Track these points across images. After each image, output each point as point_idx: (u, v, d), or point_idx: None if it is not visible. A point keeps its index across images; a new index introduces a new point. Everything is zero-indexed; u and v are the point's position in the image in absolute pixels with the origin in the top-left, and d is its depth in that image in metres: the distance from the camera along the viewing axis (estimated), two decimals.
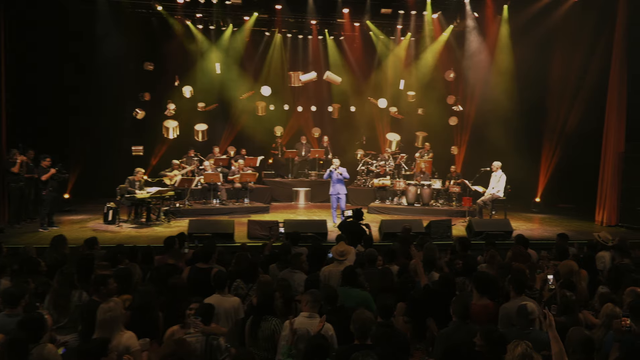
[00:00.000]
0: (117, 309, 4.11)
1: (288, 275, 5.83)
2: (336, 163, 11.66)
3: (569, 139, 13.85)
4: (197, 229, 9.34)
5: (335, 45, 17.08)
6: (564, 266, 5.98)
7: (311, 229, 9.58)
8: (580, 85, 13.33)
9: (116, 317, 4.08)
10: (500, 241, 9.84)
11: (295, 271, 5.87)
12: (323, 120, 17.61)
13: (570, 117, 13.73)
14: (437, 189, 14.21)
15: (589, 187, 13.13)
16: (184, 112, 15.74)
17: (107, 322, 4.03)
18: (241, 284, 5.61)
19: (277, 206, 14.81)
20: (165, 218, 11.85)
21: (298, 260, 5.91)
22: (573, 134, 13.71)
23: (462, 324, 4.39)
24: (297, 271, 5.87)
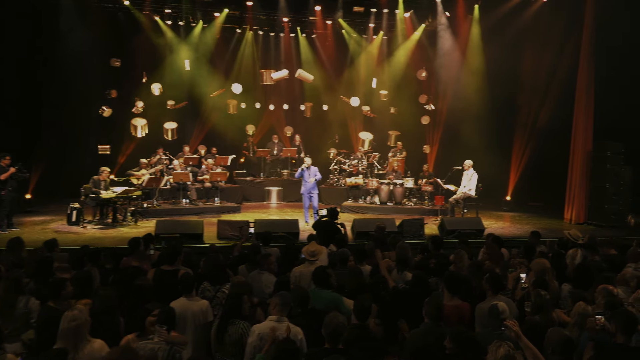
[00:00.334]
0: (82, 317, 3.83)
1: (256, 277, 5.66)
2: (307, 162, 11.51)
3: (539, 137, 14.02)
4: (165, 230, 9.05)
5: (308, 43, 16.93)
6: (537, 264, 5.94)
7: (283, 229, 9.40)
8: (550, 84, 13.48)
9: (82, 325, 3.81)
10: (472, 240, 9.83)
11: (264, 272, 5.70)
12: (295, 119, 17.43)
13: (540, 116, 13.89)
14: (409, 188, 14.20)
15: (559, 185, 13.28)
16: (152, 109, 15.32)
17: (72, 332, 3.77)
18: (208, 286, 5.41)
19: (249, 206, 14.58)
20: (132, 219, 11.49)
21: (266, 261, 5.74)
22: (543, 132, 13.87)
23: (433, 326, 4.28)
24: (265, 272, 5.70)
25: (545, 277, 5.65)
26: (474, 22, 15.01)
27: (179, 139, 15.47)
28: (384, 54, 17.01)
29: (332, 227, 8.12)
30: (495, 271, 5.74)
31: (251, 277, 5.74)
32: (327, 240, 7.52)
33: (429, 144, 16.43)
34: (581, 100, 12.51)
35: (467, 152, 13.16)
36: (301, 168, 11.44)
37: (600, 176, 12.25)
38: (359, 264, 6.36)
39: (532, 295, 5.10)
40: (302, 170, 11.39)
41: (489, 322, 4.39)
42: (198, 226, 9.24)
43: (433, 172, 14.63)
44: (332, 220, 8.27)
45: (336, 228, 8.10)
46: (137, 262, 5.87)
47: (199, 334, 4.73)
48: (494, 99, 14.34)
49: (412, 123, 16.38)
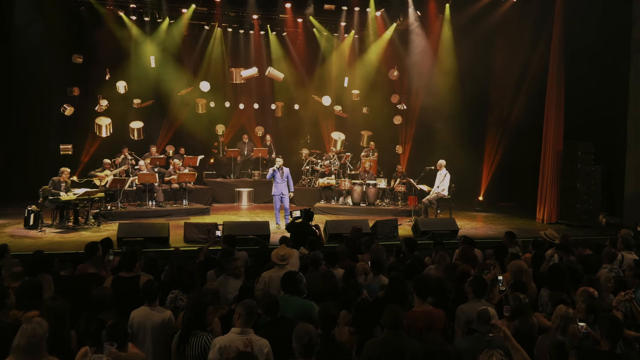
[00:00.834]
0: (40, 332, 3.45)
1: (222, 283, 5.33)
2: (279, 162, 11.18)
3: (510, 136, 14.05)
4: (128, 233, 8.60)
5: (278, 41, 16.59)
6: (513, 266, 5.77)
7: (253, 231, 9.07)
8: (521, 83, 13.51)
9: (40, 341, 3.44)
10: (446, 241, 9.67)
11: (230, 278, 5.37)
12: (266, 119, 17.07)
13: (512, 115, 13.92)
14: (382, 189, 14.01)
15: (530, 185, 13.31)
16: (117, 108, 14.80)
17: (31, 348, 3.40)
18: (180, 294, 5.05)
19: (219, 207, 14.18)
20: (94, 222, 10.98)
21: (231, 265, 5.41)
22: (515, 131, 13.91)
23: (392, 336, 3.97)
24: (231, 278, 5.38)
25: (523, 279, 5.49)
26: (445, 21, 14.95)
27: (145, 138, 14.98)
28: (356, 53, 16.82)
29: (306, 229, 7.85)
30: (471, 273, 5.56)
31: (218, 282, 5.42)
32: (301, 243, 7.24)
33: (402, 144, 16.30)
34: (552, 99, 12.54)
35: (440, 152, 13.10)
36: (273, 169, 11.10)
37: (571, 176, 12.29)
38: (331, 267, 6.09)
39: (510, 299, 4.92)
40: (273, 171, 11.05)
41: (477, 326, 4.16)
42: (163, 229, 8.82)
43: (406, 172, 14.48)
44: (307, 221, 7.99)
45: (311, 230, 7.83)
46: (94, 269, 5.46)
47: (159, 346, 4.39)
48: (466, 98, 14.31)
49: (384, 123, 16.24)
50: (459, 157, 13.36)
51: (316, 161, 15.55)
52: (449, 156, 12.51)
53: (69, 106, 14.10)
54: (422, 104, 15.62)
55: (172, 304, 4.94)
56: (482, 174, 14.80)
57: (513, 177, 14.26)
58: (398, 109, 16.27)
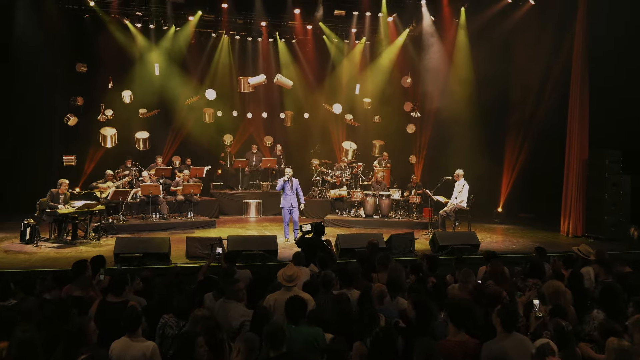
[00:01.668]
0: None
1: (221, 307, 4.74)
2: (289, 173, 10.58)
3: (532, 145, 13.36)
4: (125, 249, 8.05)
5: (287, 49, 16.11)
6: (550, 287, 5.13)
7: (259, 246, 8.48)
8: (542, 90, 12.86)
9: None
10: (466, 256, 9.07)
11: (231, 302, 4.78)
12: (275, 128, 16.57)
13: (532, 123, 13.25)
14: (396, 200, 13.40)
15: (553, 195, 12.64)
16: (121, 118, 14.41)
17: None
18: (171, 320, 4.47)
19: (226, 220, 13.65)
20: (95, 235, 10.46)
21: (232, 288, 4.81)
22: (536, 140, 13.22)
23: None
24: (233, 302, 4.78)
25: (561, 303, 4.85)
26: (461, 25, 14.35)
27: (151, 149, 14.52)
28: (367, 60, 16.29)
29: (317, 244, 7.25)
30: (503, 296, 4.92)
31: (218, 307, 4.83)
32: (311, 260, 6.65)
33: (415, 154, 15.68)
34: (575, 105, 11.87)
35: (456, 161, 12.50)
36: (283, 179, 10.49)
37: (598, 186, 11.57)
38: (345, 288, 5.49)
39: (550, 327, 4.28)
40: (284, 182, 10.44)
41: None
42: (164, 244, 8.24)
43: (421, 182, 13.85)
44: (318, 236, 7.39)
45: (322, 245, 7.23)
46: (79, 291, 4.90)
47: None
48: (483, 105, 13.64)
49: (397, 132, 15.68)
50: (476, 166, 12.71)
51: (327, 172, 14.99)
52: (465, 166, 11.86)
53: (73, 116, 13.76)
54: (437, 112, 14.97)
55: (160, 330, 4.36)
56: (501, 184, 14.10)
57: (534, 188, 13.57)
58: (411, 117, 15.67)
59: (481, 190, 12.47)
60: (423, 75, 15.31)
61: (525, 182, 13.68)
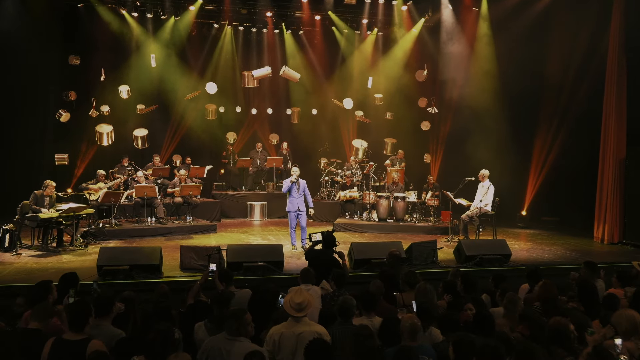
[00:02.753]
0: None
1: (221, 345, 3.71)
2: (296, 172, 9.54)
3: (562, 143, 12.24)
4: (110, 260, 7.05)
5: (294, 41, 15.12)
6: (621, 317, 4.10)
7: (263, 257, 7.46)
8: (574, 84, 11.72)
9: None
10: (496, 267, 8.07)
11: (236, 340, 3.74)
12: (281, 125, 15.61)
13: (563, 119, 12.12)
14: (412, 202, 12.37)
15: (582, 197, 11.60)
16: (119, 114, 13.50)
17: None
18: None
19: (228, 224, 12.70)
20: (83, 242, 9.50)
21: (239, 321, 3.75)
22: (567, 137, 12.11)
23: None
24: (239, 339, 3.74)
25: None
26: (482, 14, 13.25)
27: (150, 147, 13.59)
28: (379, 52, 15.24)
29: (328, 258, 6.25)
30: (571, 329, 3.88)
31: (213, 345, 3.79)
32: (322, 276, 5.66)
33: (431, 153, 14.64)
34: (611, 101, 10.77)
35: (477, 160, 11.53)
36: (290, 180, 9.47)
37: (637, 187, 10.48)
38: (366, 314, 4.49)
39: None
40: (292, 183, 9.42)
41: None
42: (154, 255, 7.22)
43: (438, 183, 12.80)
44: (329, 247, 6.39)
45: (334, 260, 6.23)
46: (36, 323, 3.90)
47: None
48: (510, 99, 12.55)
49: (411, 129, 14.63)
50: (500, 165, 11.66)
51: (336, 171, 14.01)
52: (488, 165, 10.81)
53: (65, 112, 12.89)
54: (457, 107, 13.90)
55: None
56: (527, 185, 13.00)
57: (562, 189, 12.47)
58: (427, 113, 14.60)
59: (504, 191, 11.37)
60: (441, 67, 14.23)
61: (554, 183, 12.58)
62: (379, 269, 7.47)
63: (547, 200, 12.96)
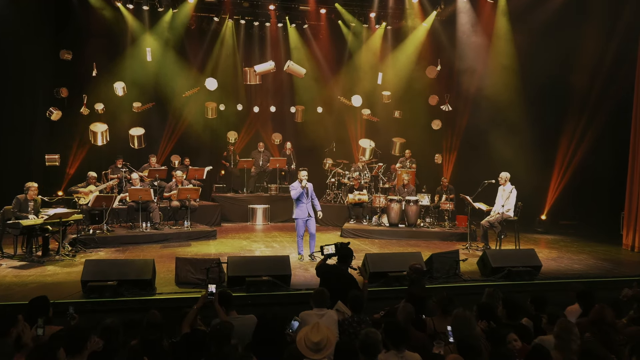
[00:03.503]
0: None
1: None
2: (305, 177, 8.59)
3: (589, 143, 11.43)
4: (96, 275, 6.26)
5: (298, 35, 14.36)
6: None
7: (268, 270, 6.68)
8: (603, 80, 10.91)
9: None
10: (526, 281, 7.30)
11: None
12: (284, 124, 14.84)
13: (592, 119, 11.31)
14: (425, 206, 11.60)
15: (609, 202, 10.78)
16: (114, 112, 12.78)
17: None
18: None
19: (228, 228, 11.97)
20: (71, 250, 8.74)
21: None
22: (594, 137, 11.32)
23: None
24: None
25: None
26: (500, 6, 12.42)
27: (147, 147, 12.86)
28: (388, 47, 14.45)
29: (343, 274, 5.47)
30: None
31: None
32: (338, 296, 4.88)
33: (446, 152, 13.88)
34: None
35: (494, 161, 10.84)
36: (300, 185, 8.56)
37: None
38: (395, 348, 3.72)
39: None
40: (303, 189, 8.53)
41: None
42: (146, 269, 6.42)
43: (452, 186, 12.01)
44: (344, 262, 5.60)
45: (349, 277, 5.44)
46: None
47: None
48: (530, 97, 11.75)
49: (422, 128, 13.83)
50: (519, 167, 10.85)
51: (343, 173, 13.24)
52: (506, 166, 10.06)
53: (56, 109, 12.13)
54: (472, 105, 13.10)
55: None
56: (548, 187, 12.20)
57: (583, 193, 11.70)
58: (440, 111, 13.78)
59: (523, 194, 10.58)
60: (456, 63, 13.41)
61: (578, 186, 11.78)
62: (397, 283, 6.77)
63: (569, 204, 12.15)
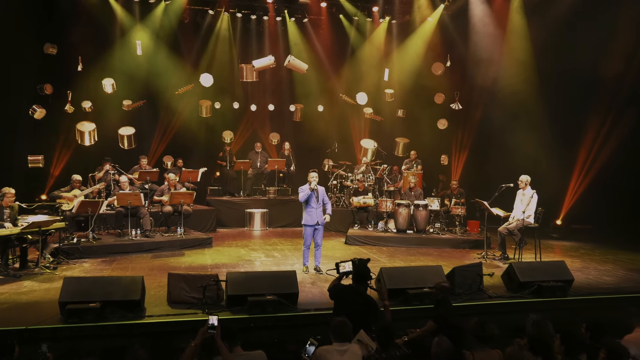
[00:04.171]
0: None
1: None
2: (314, 179, 7.67)
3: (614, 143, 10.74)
4: (76, 295, 5.42)
5: (298, 29, 13.64)
6: None
7: (272, 287, 5.90)
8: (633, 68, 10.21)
9: None
10: (559, 298, 6.59)
11: None
12: (283, 123, 14.14)
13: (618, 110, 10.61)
14: (434, 211, 10.88)
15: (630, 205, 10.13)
16: (102, 111, 12.00)
17: None
18: None
19: (224, 234, 11.24)
20: (53, 261, 7.94)
21: None
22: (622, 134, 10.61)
23: None
24: None
25: None
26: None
27: (137, 148, 12.09)
28: (393, 43, 13.74)
29: (363, 297, 4.68)
30: None
31: None
32: (357, 324, 4.12)
33: (456, 153, 13.20)
34: None
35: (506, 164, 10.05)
36: (309, 187, 7.71)
37: None
38: None
39: None
40: (312, 191, 7.69)
41: None
42: (134, 287, 5.60)
43: (463, 190, 11.28)
44: (361, 281, 4.82)
45: (370, 301, 4.67)
46: None
47: None
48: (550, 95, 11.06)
49: (428, 128, 13.12)
50: (535, 169, 10.18)
51: (346, 175, 12.51)
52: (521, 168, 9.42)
53: (40, 107, 11.34)
54: (485, 102, 12.41)
55: None
56: (566, 191, 11.50)
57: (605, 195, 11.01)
58: (448, 109, 13.05)
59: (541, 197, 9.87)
60: (469, 56, 12.69)
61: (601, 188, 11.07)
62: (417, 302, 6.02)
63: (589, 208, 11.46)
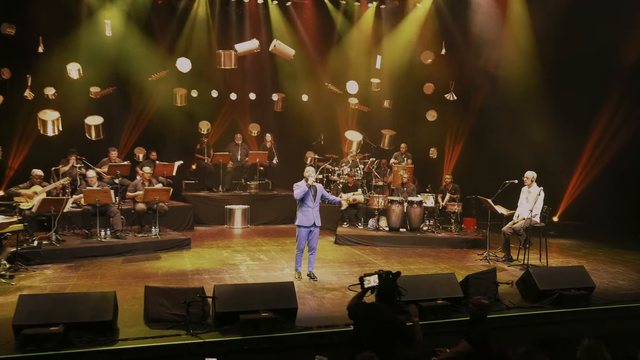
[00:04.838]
0: None
1: None
2: (312, 174, 6.92)
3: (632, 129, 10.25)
4: (33, 317, 4.45)
5: (281, 14, 12.87)
6: None
7: (267, 302, 5.09)
8: None
9: None
10: (582, 308, 5.99)
11: None
12: (264, 113, 13.35)
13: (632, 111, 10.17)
14: (429, 208, 10.24)
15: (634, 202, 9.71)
16: (67, 98, 11.01)
17: None
18: None
19: (203, 233, 10.44)
20: (10, 268, 6.98)
21: None
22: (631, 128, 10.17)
23: None
24: None
25: None
26: None
27: (106, 138, 11.14)
28: (383, 29, 13.07)
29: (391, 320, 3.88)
30: None
31: None
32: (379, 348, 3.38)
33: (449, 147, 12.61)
34: None
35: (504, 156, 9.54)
36: (306, 184, 6.92)
37: None
38: None
39: None
40: (309, 188, 6.92)
41: None
42: (104, 305, 4.67)
43: (457, 185, 10.66)
44: (386, 300, 4.01)
45: (395, 322, 3.88)
46: None
47: None
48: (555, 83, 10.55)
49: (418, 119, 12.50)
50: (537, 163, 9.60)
51: (332, 169, 11.78)
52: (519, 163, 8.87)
53: None
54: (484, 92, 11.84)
55: None
56: (567, 186, 11.01)
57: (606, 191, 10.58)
58: (441, 100, 12.41)
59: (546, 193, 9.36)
60: (464, 45, 12.05)
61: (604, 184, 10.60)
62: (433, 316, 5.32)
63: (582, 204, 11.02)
